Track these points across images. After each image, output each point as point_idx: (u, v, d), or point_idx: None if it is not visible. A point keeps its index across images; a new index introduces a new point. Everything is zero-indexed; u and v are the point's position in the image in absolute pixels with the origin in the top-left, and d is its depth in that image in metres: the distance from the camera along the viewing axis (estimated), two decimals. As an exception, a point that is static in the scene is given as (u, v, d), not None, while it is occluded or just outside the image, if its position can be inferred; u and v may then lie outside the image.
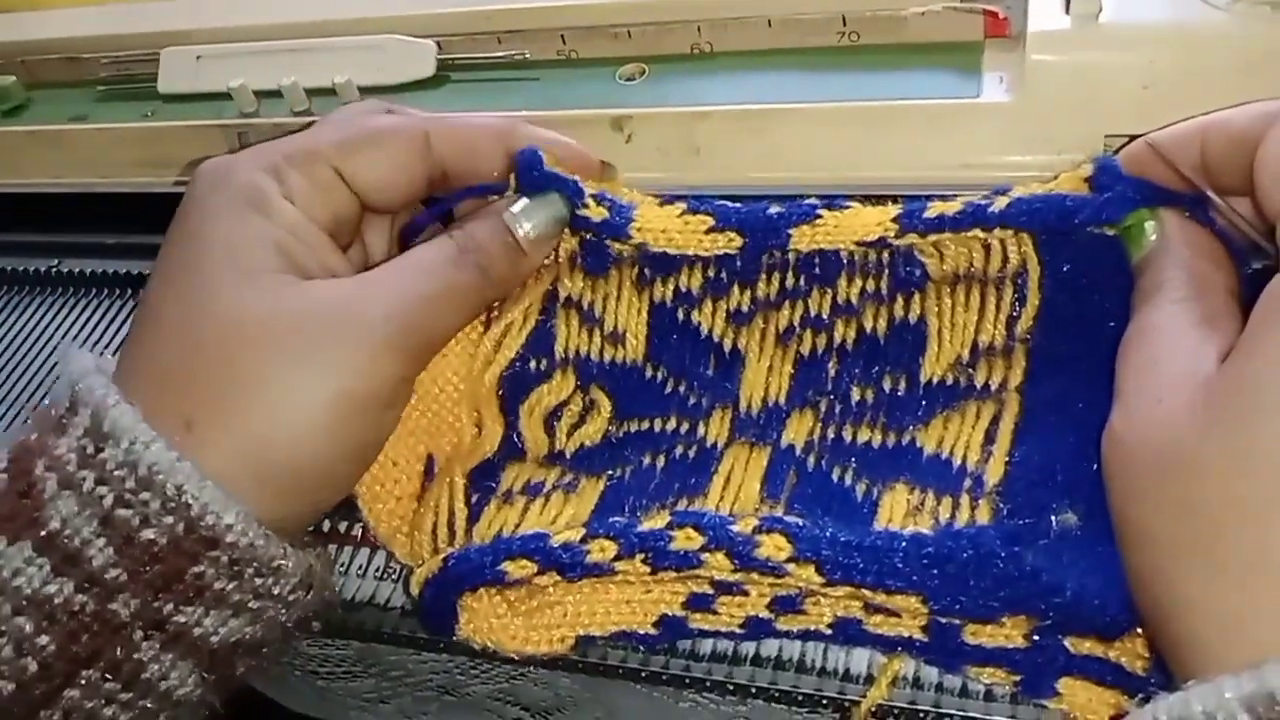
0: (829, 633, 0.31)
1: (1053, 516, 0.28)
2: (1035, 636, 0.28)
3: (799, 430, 0.33)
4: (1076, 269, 0.31)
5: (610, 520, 0.31)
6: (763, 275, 0.35)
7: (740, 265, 0.34)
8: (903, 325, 0.34)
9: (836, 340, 0.34)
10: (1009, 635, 0.29)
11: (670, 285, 0.35)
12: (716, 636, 0.32)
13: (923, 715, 0.30)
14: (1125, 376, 0.28)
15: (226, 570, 0.28)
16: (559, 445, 0.35)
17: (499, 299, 0.36)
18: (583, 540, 0.30)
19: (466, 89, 0.45)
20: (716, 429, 0.34)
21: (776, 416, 0.34)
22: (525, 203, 0.34)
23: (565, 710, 0.43)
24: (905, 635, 0.30)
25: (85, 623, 0.27)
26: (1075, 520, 0.28)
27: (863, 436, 0.33)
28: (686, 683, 0.33)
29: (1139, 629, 0.27)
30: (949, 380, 0.33)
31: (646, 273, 0.35)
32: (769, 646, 0.32)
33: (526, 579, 0.31)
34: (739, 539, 0.29)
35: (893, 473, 0.31)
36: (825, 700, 0.31)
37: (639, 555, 0.30)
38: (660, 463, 0.34)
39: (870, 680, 0.31)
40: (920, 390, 0.33)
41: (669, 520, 0.30)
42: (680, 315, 0.35)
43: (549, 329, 0.36)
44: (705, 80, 0.42)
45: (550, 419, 0.36)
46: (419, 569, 0.32)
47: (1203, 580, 0.23)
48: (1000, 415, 0.31)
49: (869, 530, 0.29)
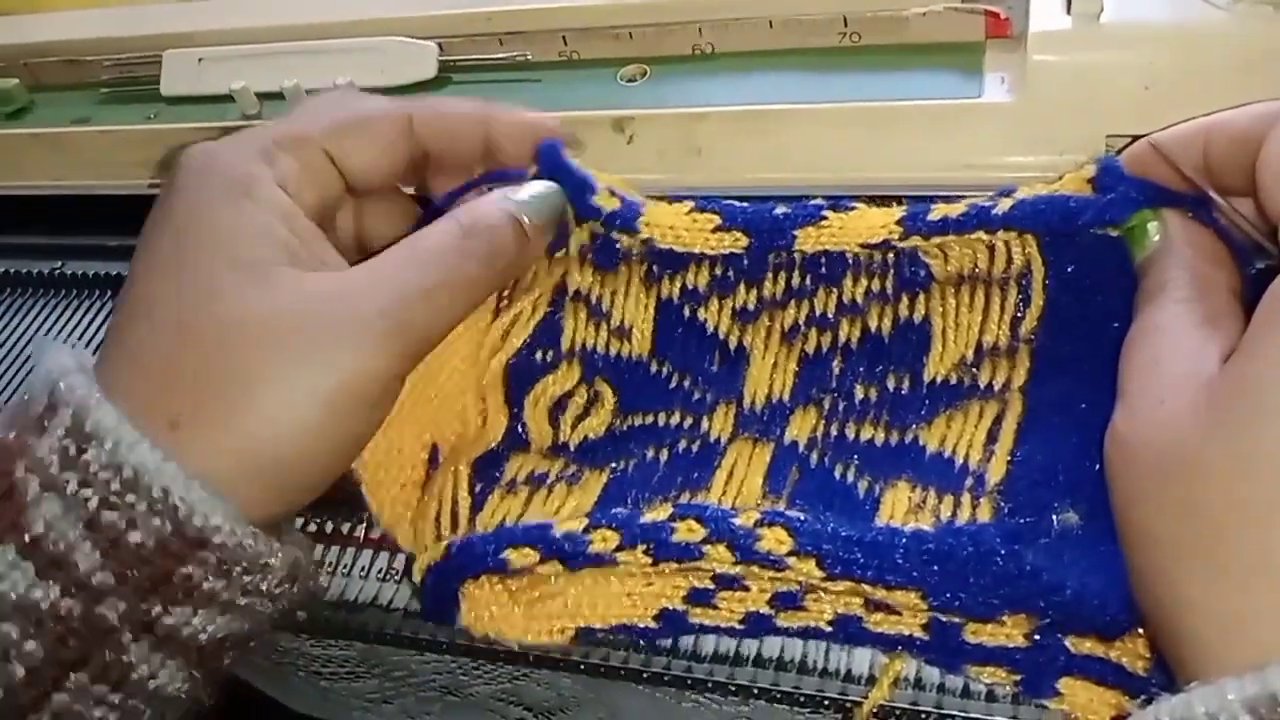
0: (829, 630, 0.30)
1: (1054, 516, 0.28)
2: (1036, 636, 0.28)
3: (802, 427, 0.33)
4: (1080, 270, 0.31)
5: (613, 511, 0.31)
6: (769, 274, 0.35)
7: (747, 265, 0.34)
8: (907, 325, 0.34)
9: (841, 339, 0.34)
10: (1009, 634, 0.29)
11: (678, 283, 0.35)
12: (717, 632, 0.32)
13: (925, 716, 0.30)
14: (1128, 377, 0.27)
15: (215, 570, 0.27)
16: (563, 437, 0.35)
17: (498, 290, 0.36)
18: (585, 530, 0.30)
19: (468, 90, 0.45)
20: (720, 424, 0.34)
21: (780, 413, 0.34)
22: (532, 190, 0.33)
23: (568, 710, 0.43)
24: (906, 634, 0.30)
25: (73, 627, 0.27)
26: (1077, 520, 0.28)
27: (866, 434, 0.33)
28: (689, 684, 0.33)
29: (1140, 629, 0.27)
30: (953, 380, 0.33)
31: (655, 270, 0.35)
32: (771, 647, 0.32)
33: (529, 568, 0.31)
34: (740, 532, 0.29)
35: (895, 470, 0.31)
36: (827, 701, 0.31)
37: (641, 546, 0.30)
38: (663, 456, 0.34)
39: (872, 681, 0.31)
40: (924, 389, 0.33)
41: (671, 512, 0.30)
42: (687, 312, 0.35)
43: (557, 321, 0.36)
44: (706, 81, 0.42)
45: (555, 410, 0.36)
46: (422, 556, 0.32)
47: (1205, 581, 0.23)
48: (1003, 415, 0.31)
49: (870, 526, 0.29)
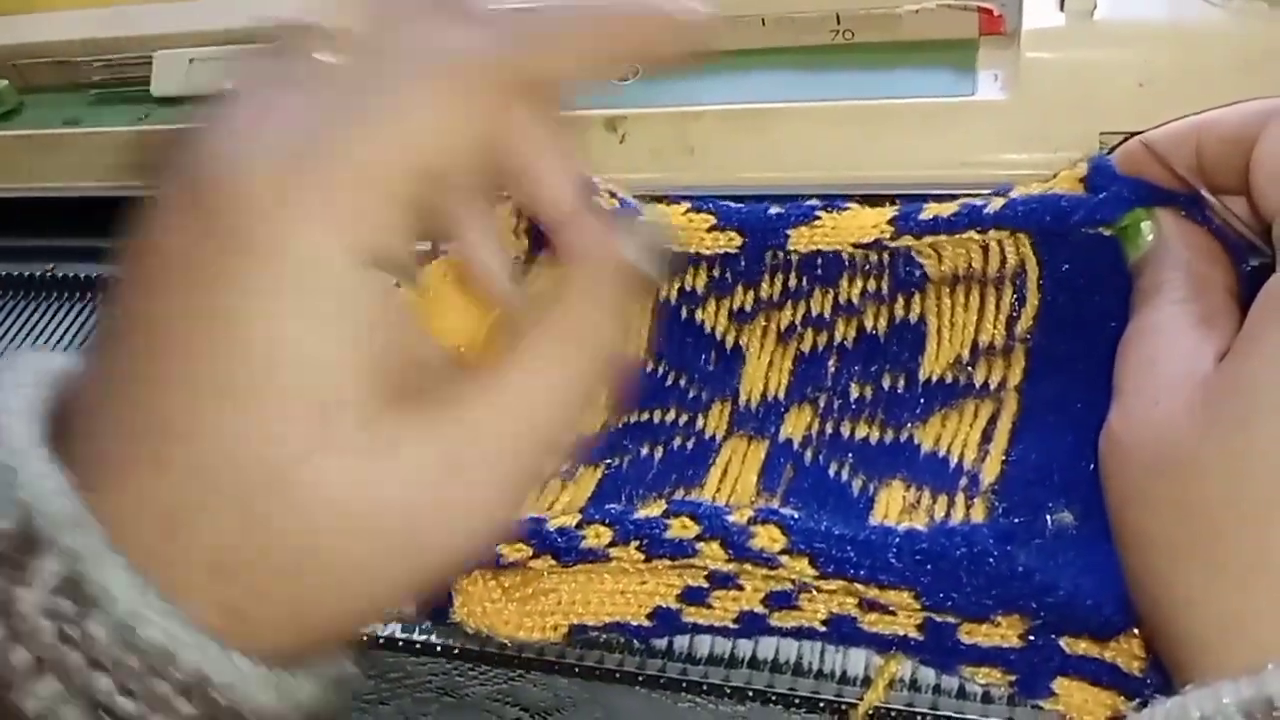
0: (824, 630, 0.30)
1: (1049, 516, 0.28)
2: (1030, 636, 0.28)
3: (797, 425, 0.33)
4: (1075, 269, 0.31)
5: (606, 507, 0.31)
6: (766, 276, 0.35)
7: (744, 265, 0.35)
8: (903, 324, 0.34)
9: (837, 338, 0.34)
10: (1004, 635, 0.28)
11: (675, 284, 0.35)
12: (711, 632, 0.32)
13: (920, 717, 0.30)
14: (1124, 377, 0.27)
15: None
16: None
17: None
18: (578, 525, 0.30)
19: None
20: (715, 421, 0.34)
21: (775, 411, 0.34)
22: (639, 234, 0.25)
23: (564, 711, 0.43)
24: (900, 634, 0.30)
25: None
26: (1072, 520, 0.28)
27: (860, 432, 0.33)
28: (684, 686, 0.33)
29: (1135, 629, 0.27)
30: (948, 379, 0.32)
31: None
32: (767, 649, 0.32)
33: (521, 562, 0.31)
34: (734, 529, 0.29)
35: (890, 469, 0.31)
36: (822, 703, 0.31)
37: (634, 542, 0.29)
38: (658, 453, 0.34)
39: (867, 683, 0.30)
40: (919, 388, 0.33)
41: (665, 509, 0.30)
42: (684, 313, 0.35)
43: None
44: (699, 79, 0.42)
45: None
46: None
47: (1202, 581, 0.23)
48: (999, 414, 0.31)
49: (864, 525, 0.29)
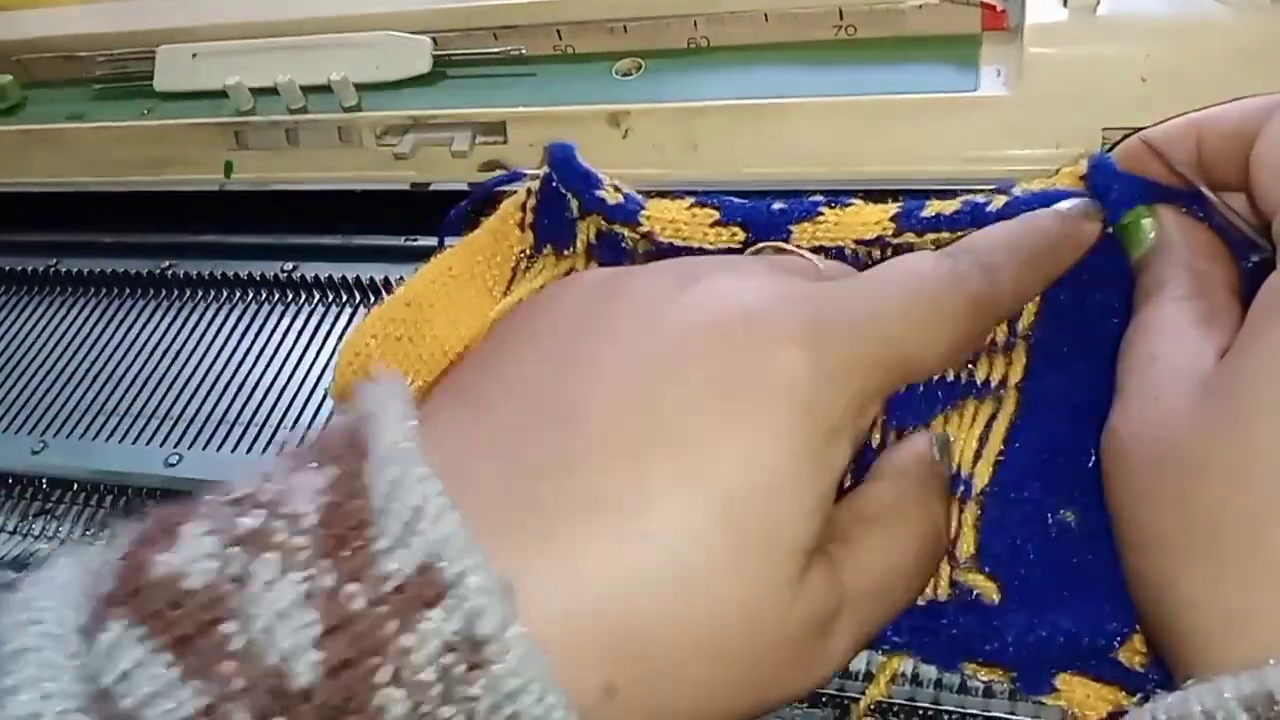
0: None
1: (1049, 515, 0.28)
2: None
3: None
4: (1077, 266, 0.31)
5: None
6: None
7: None
8: None
9: None
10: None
11: None
12: None
13: (922, 712, 0.30)
14: (1126, 374, 0.27)
15: None
16: None
17: None
18: None
19: (463, 85, 0.45)
20: None
21: None
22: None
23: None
24: None
25: None
26: (1073, 518, 0.28)
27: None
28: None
29: (1137, 626, 0.27)
30: (949, 376, 0.32)
31: None
32: (768, 644, 0.32)
33: None
34: None
35: None
36: (824, 697, 0.31)
37: None
38: None
39: (869, 677, 0.30)
40: (920, 387, 0.33)
41: None
42: None
43: None
44: (702, 75, 0.42)
45: None
46: None
47: (1203, 579, 0.23)
48: (996, 417, 0.31)
49: None
